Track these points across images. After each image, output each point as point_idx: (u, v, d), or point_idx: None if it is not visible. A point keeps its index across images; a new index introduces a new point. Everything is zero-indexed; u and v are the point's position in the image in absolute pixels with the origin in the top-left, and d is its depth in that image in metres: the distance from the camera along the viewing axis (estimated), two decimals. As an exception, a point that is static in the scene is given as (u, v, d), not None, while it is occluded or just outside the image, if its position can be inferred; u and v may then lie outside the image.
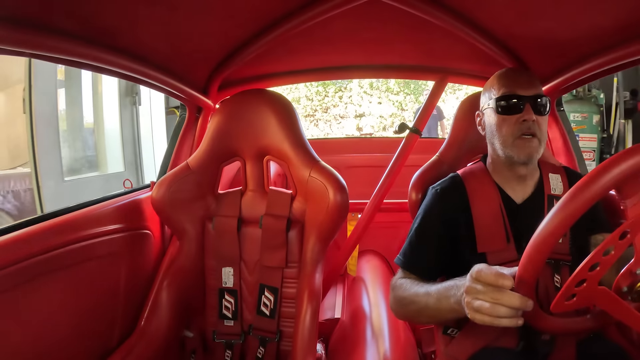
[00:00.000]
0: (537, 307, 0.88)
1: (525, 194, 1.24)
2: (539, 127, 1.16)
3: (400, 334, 1.51)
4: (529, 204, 1.22)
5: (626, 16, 1.01)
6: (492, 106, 1.20)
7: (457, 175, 1.31)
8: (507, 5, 1.15)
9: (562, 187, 1.25)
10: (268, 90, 1.53)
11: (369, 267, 2.25)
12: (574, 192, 0.75)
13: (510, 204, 1.22)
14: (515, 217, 1.20)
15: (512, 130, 1.16)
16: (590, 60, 1.26)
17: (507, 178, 1.24)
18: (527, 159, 1.16)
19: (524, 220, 1.17)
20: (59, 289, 1.17)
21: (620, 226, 0.73)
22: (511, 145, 1.16)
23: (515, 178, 1.23)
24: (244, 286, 1.48)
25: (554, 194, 1.23)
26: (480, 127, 1.30)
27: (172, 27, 1.16)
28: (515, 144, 1.16)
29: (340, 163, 2.74)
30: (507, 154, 1.18)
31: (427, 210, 1.27)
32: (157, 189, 1.43)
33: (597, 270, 0.76)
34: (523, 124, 1.15)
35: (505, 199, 1.22)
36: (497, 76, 1.24)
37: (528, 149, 1.15)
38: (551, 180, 1.25)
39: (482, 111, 1.28)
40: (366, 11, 1.22)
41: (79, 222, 1.25)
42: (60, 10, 0.89)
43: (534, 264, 0.81)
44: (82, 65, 1.10)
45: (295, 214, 1.45)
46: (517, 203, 1.23)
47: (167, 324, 1.38)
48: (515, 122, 1.16)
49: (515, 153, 1.16)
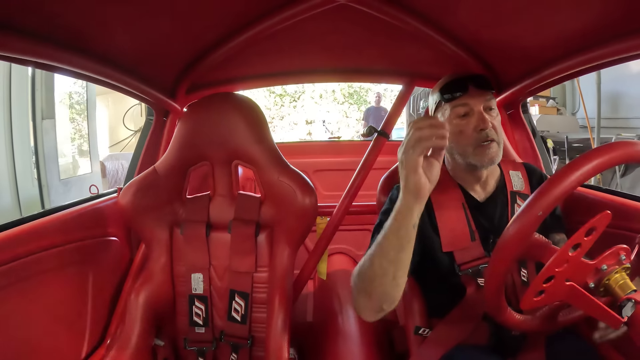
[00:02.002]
0: (504, 302, 0.91)
1: (487, 192, 1.26)
2: (496, 131, 1.17)
3: (372, 336, 1.52)
4: (491, 201, 1.25)
5: (590, 22, 1.05)
6: (447, 115, 1.20)
7: None
8: (474, 11, 1.17)
9: (523, 182, 1.28)
10: (236, 94, 1.52)
11: (339, 269, 2.26)
12: (545, 186, 0.77)
13: (472, 202, 1.24)
14: (478, 214, 1.22)
15: (470, 140, 1.17)
16: (554, 65, 1.31)
17: (469, 180, 1.25)
18: (490, 164, 1.17)
19: (488, 217, 1.21)
20: (23, 300, 1.13)
21: (586, 223, 0.76)
22: (472, 154, 1.17)
23: (476, 179, 1.25)
24: (214, 292, 1.46)
25: (516, 190, 1.26)
26: None
27: (139, 28, 1.13)
28: (475, 152, 1.16)
29: (308, 166, 2.75)
30: (468, 161, 1.19)
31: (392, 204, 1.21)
32: (124, 194, 1.40)
33: (564, 267, 0.79)
34: (481, 133, 1.15)
35: (467, 198, 1.24)
36: (440, 83, 1.25)
37: (489, 155, 1.16)
38: (512, 178, 1.28)
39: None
40: (335, 15, 1.22)
41: (42, 229, 1.22)
42: (21, 8, 0.85)
43: (504, 262, 0.83)
44: (42, 66, 1.06)
45: (264, 218, 1.45)
46: (480, 201, 1.25)
47: (136, 332, 1.35)
48: (473, 131, 1.16)
49: (477, 160, 1.17)
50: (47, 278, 1.21)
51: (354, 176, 1.76)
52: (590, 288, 0.82)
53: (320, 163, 2.92)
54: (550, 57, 1.31)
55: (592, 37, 1.11)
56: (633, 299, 0.76)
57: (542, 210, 0.76)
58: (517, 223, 0.79)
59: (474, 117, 1.17)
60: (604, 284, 0.81)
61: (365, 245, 1.01)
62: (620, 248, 0.81)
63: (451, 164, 1.28)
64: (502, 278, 0.85)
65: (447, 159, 1.29)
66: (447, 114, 1.20)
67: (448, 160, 1.29)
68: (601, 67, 1.23)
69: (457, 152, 1.21)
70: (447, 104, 1.20)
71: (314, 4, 1.17)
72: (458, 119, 1.18)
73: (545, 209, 0.76)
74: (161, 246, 1.45)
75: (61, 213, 1.31)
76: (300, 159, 2.79)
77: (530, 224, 0.77)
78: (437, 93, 1.24)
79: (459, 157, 1.21)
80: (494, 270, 0.85)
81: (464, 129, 1.17)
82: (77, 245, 1.31)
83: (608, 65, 1.19)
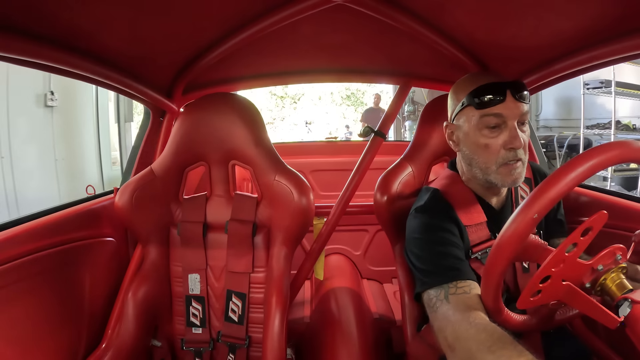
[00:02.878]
0: (501, 303, 0.91)
1: (501, 198, 1.21)
2: (525, 150, 1.06)
3: (370, 336, 1.53)
4: (506, 207, 1.21)
5: (587, 23, 1.05)
6: (474, 123, 1.08)
7: (437, 190, 1.20)
8: (471, 11, 1.17)
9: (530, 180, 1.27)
10: (233, 94, 1.51)
11: (336, 269, 2.26)
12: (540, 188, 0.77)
13: (489, 210, 1.18)
14: (495, 221, 1.16)
15: (496, 158, 1.06)
16: (551, 65, 1.31)
17: (484, 192, 1.19)
18: (512, 185, 1.08)
19: (503, 222, 1.19)
20: (19, 301, 1.12)
21: (582, 223, 0.76)
22: (495, 173, 1.07)
23: (492, 194, 1.19)
24: (211, 293, 1.46)
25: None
26: (452, 143, 1.18)
27: (136, 29, 1.13)
28: (499, 172, 1.07)
29: (305, 167, 2.75)
30: (488, 179, 1.10)
31: (427, 225, 1.12)
32: (120, 195, 1.40)
33: (560, 267, 0.79)
34: (510, 152, 1.04)
35: (484, 205, 1.18)
36: (471, 84, 1.10)
37: (513, 176, 1.06)
38: None
39: (455, 124, 1.16)
40: (332, 16, 1.22)
41: (39, 230, 1.21)
42: (19, 9, 0.85)
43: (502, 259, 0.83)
44: (39, 66, 1.05)
45: (261, 219, 1.45)
46: (496, 209, 1.20)
47: (134, 334, 1.34)
48: (501, 147, 1.05)
49: (499, 180, 1.07)
50: (43, 279, 1.20)
51: (351, 176, 1.76)
52: (586, 288, 0.82)
53: (317, 163, 2.92)
54: (547, 57, 1.31)
55: (589, 37, 1.11)
56: (630, 298, 0.77)
57: (537, 213, 0.76)
58: (512, 225, 0.79)
59: (506, 133, 1.04)
60: (601, 284, 0.81)
61: (362, 246, 1.02)
62: (616, 248, 0.81)
63: (466, 175, 1.19)
64: (499, 279, 0.85)
65: (462, 169, 1.20)
66: (475, 121, 1.07)
67: (462, 170, 1.20)
68: (598, 67, 1.23)
69: (477, 167, 1.11)
70: (476, 111, 1.07)
71: (310, 4, 1.16)
72: (487, 130, 1.06)
73: (541, 211, 0.76)
74: (157, 247, 1.45)
75: (58, 214, 1.31)
76: (297, 159, 2.79)
77: (526, 226, 0.77)
78: (464, 95, 1.10)
79: (479, 172, 1.11)
80: (490, 272, 0.85)
81: (491, 144, 1.06)
82: (73, 246, 1.31)
83: (605, 65, 1.19)
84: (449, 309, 0.94)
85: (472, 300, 0.94)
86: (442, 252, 1.05)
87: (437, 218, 1.11)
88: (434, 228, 1.10)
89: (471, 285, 0.98)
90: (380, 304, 2.05)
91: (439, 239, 1.08)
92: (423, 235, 1.10)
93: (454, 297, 0.96)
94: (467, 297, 0.95)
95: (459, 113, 1.13)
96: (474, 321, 0.86)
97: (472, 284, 0.99)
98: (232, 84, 1.79)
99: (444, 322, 0.92)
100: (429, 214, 1.13)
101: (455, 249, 1.06)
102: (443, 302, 0.96)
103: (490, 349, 0.77)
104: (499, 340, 0.78)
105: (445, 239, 1.07)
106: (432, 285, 1.01)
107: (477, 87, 1.06)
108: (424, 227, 1.11)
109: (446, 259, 1.04)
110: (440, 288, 0.99)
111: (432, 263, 1.05)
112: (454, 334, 0.86)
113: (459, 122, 1.13)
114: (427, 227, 1.11)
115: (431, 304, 1.00)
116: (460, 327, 0.86)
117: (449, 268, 1.02)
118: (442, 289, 0.99)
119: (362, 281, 2.37)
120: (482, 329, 0.82)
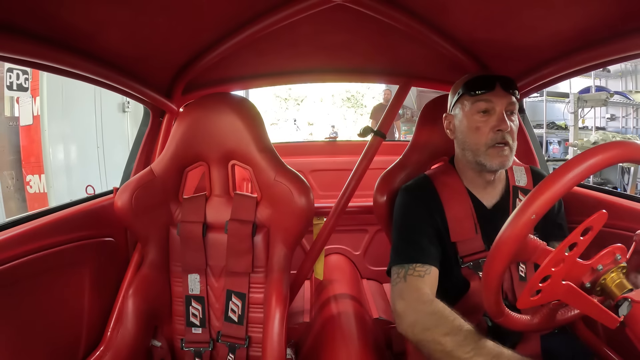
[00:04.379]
0: (501, 303, 0.91)
1: (494, 198, 1.26)
2: (512, 136, 1.16)
3: (370, 336, 1.52)
4: (498, 208, 1.25)
5: (586, 23, 1.06)
6: (467, 109, 1.19)
7: (426, 176, 1.32)
8: (471, 11, 1.17)
9: (527, 179, 1.29)
10: (233, 94, 1.51)
11: (336, 269, 2.26)
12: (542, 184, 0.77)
13: (480, 209, 1.24)
14: (486, 220, 1.22)
15: (486, 139, 1.16)
16: (551, 65, 1.31)
17: (476, 183, 1.25)
18: (499, 168, 1.17)
19: (494, 223, 1.20)
20: (20, 301, 1.12)
21: (582, 223, 0.76)
22: (484, 154, 1.17)
23: (483, 183, 1.25)
24: (210, 293, 1.46)
25: (519, 185, 1.27)
26: (449, 131, 1.28)
27: (136, 29, 1.13)
28: (488, 152, 1.16)
29: (304, 166, 2.75)
30: (478, 160, 1.18)
31: (407, 206, 1.26)
32: (120, 195, 1.39)
33: (560, 267, 0.79)
34: (497, 134, 1.14)
35: (475, 202, 1.24)
36: (466, 78, 1.23)
37: (500, 157, 1.15)
38: (515, 173, 1.30)
39: (452, 114, 1.27)
40: (331, 16, 1.22)
41: (38, 230, 1.21)
42: (19, 9, 0.85)
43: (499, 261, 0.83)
44: (39, 66, 1.05)
45: (261, 219, 1.45)
46: (488, 207, 1.25)
47: (133, 334, 1.34)
48: (490, 130, 1.15)
49: (487, 161, 1.16)
50: (43, 279, 1.20)
51: (351, 176, 1.76)
52: (586, 288, 0.82)
53: (316, 163, 2.91)
54: (546, 57, 1.31)
55: (588, 37, 1.11)
56: (629, 298, 0.77)
57: (535, 213, 0.76)
58: (511, 225, 0.79)
59: (494, 117, 1.15)
60: (600, 284, 0.81)
61: (361, 246, 1.03)
62: (615, 248, 0.81)
63: (461, 162, 1.27)
64: (498, 280, 0.85)
65: (457, 155, 1.29)
66: (468, 108, 1.19)
67: (458, 156, 1.29)
68: (597, 67, 1.23)
69: (468, 149, 1.20)
70: (470, 98, 1.19)
71: (310, 4, 1.17)
72: (478, 115, 1.17)
73: (539, 211, 0.76)
74: (157, 247, 1.45)
75: (57, 214, 1.31)
76: (296, 159, 2.79)
77: (524, 226, 0.77)
78: (460, 87, 1.22)
79: (470, 154, 1.20)
80: (490, 272, 0.85)
81: (481, 126, 1.17)
82: (73, 246, 1.31)
83: (604, 65, 1.20)
84: (405, 286, 1.12)
85: (425, 282, 1.12)
86: (411, 234, 1.21)
87: (416, 200, 1.26)
88: (410, 210, 1.25)
89: (427, 270, 1.14)
90: (380, 304, 2.05)
91: (411, 221, 1.23)
92: (399, 215, 1.27)
93: (410, 278, 1.13)
94: (421, 280, 1.12)
95: (455, 103, 1.25)
96: (420, 298, 1.07)
97: (429, 269, 1.14)
98: (232, 84, 1.79)
99: (397, 296, 1.12)
100: (411, 196, 1.28)
101: (424, 235, 1.20)
102: (401, 280, 1.14)
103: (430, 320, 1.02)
104: (434, 315, 1.02)
105: (417, 222, 1.22)
106: (396, 262, 1.18)
107: (470, 79, 1.21)
108: (402, 207, 1.27)
109: (413, 242, 1.19)
110: (401, 267, 1.16)
111: (402, 243, 1.21)
112: (402, 307, 1.09)
113: (455, 112, 1.26)
114: (405, 207, 1.27)
115: (393, 278, 1.18)
116: (409, 304, 1.08)
117: (412, 250, 1.18)
118: (403, 267, 1.15)
119: (362, 281, 2.37)
120: (427, 307, 1.05)
